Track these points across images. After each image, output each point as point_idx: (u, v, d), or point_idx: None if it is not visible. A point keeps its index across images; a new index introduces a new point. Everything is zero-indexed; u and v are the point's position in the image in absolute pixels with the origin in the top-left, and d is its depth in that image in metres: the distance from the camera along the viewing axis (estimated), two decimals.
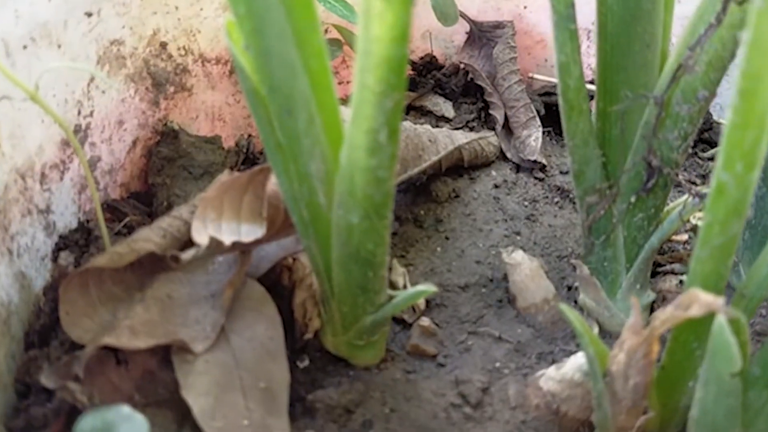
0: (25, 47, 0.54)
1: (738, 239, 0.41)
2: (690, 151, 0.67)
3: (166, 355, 0.52)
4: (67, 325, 0.51)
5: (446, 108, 0.79)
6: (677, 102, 0.50)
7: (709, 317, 0.42)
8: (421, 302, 0.62)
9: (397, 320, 0.61)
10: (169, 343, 0.51)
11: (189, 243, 0.56)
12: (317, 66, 0.42)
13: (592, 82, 0.56)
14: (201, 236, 0.54)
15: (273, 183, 0.54)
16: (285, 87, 0.43)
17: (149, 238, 0.55)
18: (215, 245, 0.53)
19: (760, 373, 0.41)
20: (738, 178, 0.36)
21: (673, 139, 0.52)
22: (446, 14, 0.72)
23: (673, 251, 0.66)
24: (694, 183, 0.67)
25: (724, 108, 0.80)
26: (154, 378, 0.52)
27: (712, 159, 0.75)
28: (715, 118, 0.79)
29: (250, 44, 0.41)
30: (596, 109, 0.54)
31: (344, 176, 0.46)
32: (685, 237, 0.66)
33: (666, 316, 0.43)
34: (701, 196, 0.55)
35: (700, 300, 0.40)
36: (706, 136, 0.78)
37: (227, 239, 0.54)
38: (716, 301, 0.39)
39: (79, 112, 0.62)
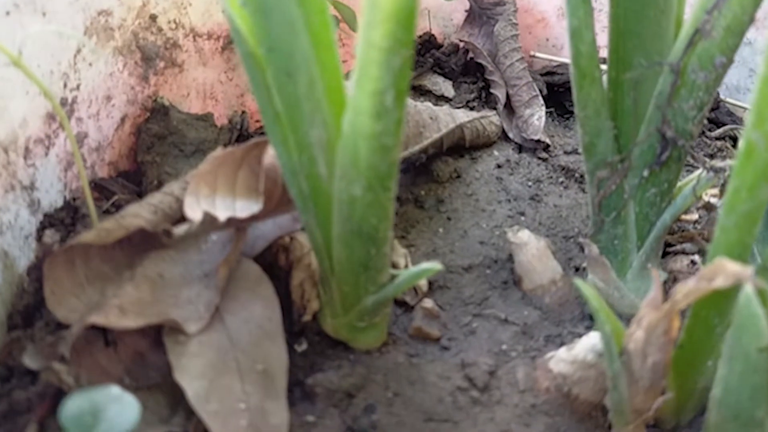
0: (8, 13, 0.51)
1: (765, 207, 0.38)
2: None
3: (157, 336, 0.50)
4: (53, 304, 0.49)
5: (446, 87, 0.77)
6: (693, 69, 0.48)
7: (731, 291, 0.40)
8: (424, 284, 0.59)
9: (399, 303, 0.59)
10: (161, 323, 0.48)
11: (181, 220, 0.54)
12: (319, 23, 0.40)
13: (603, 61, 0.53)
14: (194, 212, 0.51)
15: (270, 156, 0.52)
16: (285, 46, 0.40)
17: (139, 213, 0.52)
18: (209, 221, 0.50)
19: None
20: None
21: (689, 108, 0.50)
22: None
23: (683, 231, 0.63)
24: (694, 158, 0.64)
25: (730, 88, 0.78)
26: (145, 360, 0.50)
27: (719, 138, 0.73)
28: (722, 97, 0.77)
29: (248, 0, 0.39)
30: (608, 79, 0.52)
31: (347, 144, 0.44)
32: (695, 216, 0.64)
33: (689, 288, 0.40)
34: (716, 170, 0.53)
35: (726, 270, 0.38)
36: (713, 116, 0.76)
37: (222, 215, 0.51)
38: (745, 270, 0.37)
39: (65, 85, 0.59)
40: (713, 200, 0.58)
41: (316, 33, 0.40)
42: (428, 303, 0.58)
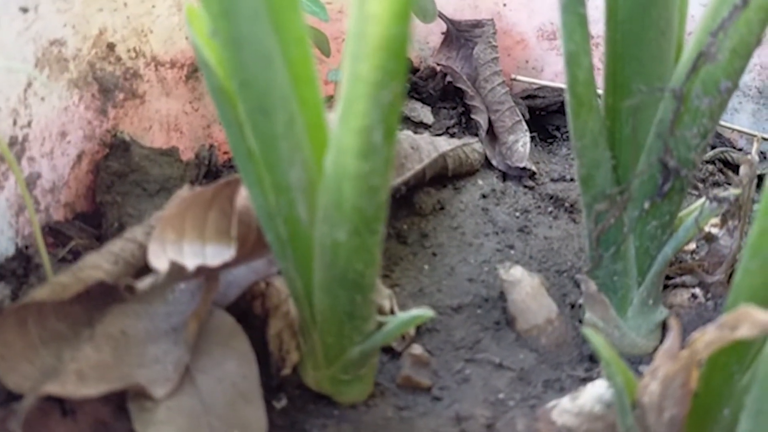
0: None
1: None
2: None
3: (121, 402, 0.45)
4: (3, 371, 0.43)
5: (424, 114, 0.73)
6: (697, 95, 0.45)
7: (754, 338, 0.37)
8: (411, 328, 0.55)
9: (385, 349, 0.54)
10: (125, 388, 0.44)
11: (145, 269, 0.49)
12: (298, 54, 0.36)
13: None
14: (159, 261, 0.46)
15: (243, 197, 0.47)
16: (260, 81, 0.36)
17: (98, 264, 0.47)
18: (177, 270, 0.46)
19: None
20: None
21: (692, 136, 0.46)
22: (425, 10, 0.66)
23: (681, 262, 0.60)
24: (696, 188, 0.62)
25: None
26: (107, 429, 0.45)
27: (711, 162, 0.71)
28: None
29: (218, 29, 0.35)
30: (605, 106, 0.48)
31: (330, 186, 0.40)
32: (692, 246, 0.61)
33: (710, 338, 0.37)
34: (719, 200, 0.50)
35: (752, 318, 0.35)
36: None
37: (191, 263, 0.46)
38: None
39: (14, 122, 0.54)
40: (714, 230, 0.55)
41: (295, 66, 0.36)
42: (417, 349, 0.53)
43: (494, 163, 0.70)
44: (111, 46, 0.62)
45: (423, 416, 0.50)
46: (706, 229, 0.56)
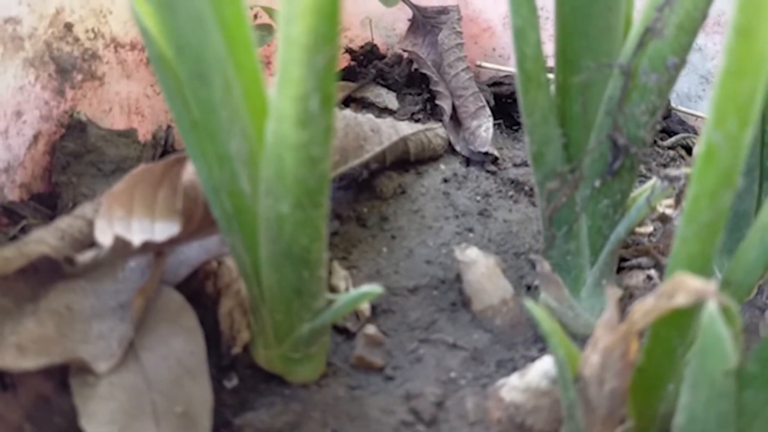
0: None
1: (727, 215, 0.35)
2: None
3: (64, 378, 0.44)
4: None
5: (389, 99, 0.73)
6: (644, 71, 0.45)
7: (693, 308, 0.37)
8: (366, 308, 0.55)
9: (339, 329, 0.54)
10: (66, 362, 0.43)
11: (92, 246, 0.48)
12: (232, 16, 0.35)
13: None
14: (105, 236, 0.46)
15: (190, 172, 0.47)
16: (194, 46, 0.35)
17: (43, 239, 0.47)
18: (121, 246, 0.45)
19: (759, 370, 0.36)
20: (731, 138, 0.31)
21: (641, 113, 0.46)
22: None
23: (638, 244, 0.60)
24: (650, 169, 0.62)
25: (681, 96, 0.76)
26: (49, 405, 0.44)
27: (672, 148, 0.71)
28: (673, 105, 0.75)
29: None
30: (555, 83, 0.48)
31: (271, 156, 0.39)
32: (650, 229, 0.61)
33: (647, 307, 0.37)
34: (670, 179, 0.50)
35: (687, 286, 0.35)
36: (665, 125, 0.74)
37: (137, 239, 0.46)
38: (707, 286, 0.34)
39: None
40: (668, 211, 0.55)
41: (229, 29, 0.36)
42: (371, 329, 0.53)
43: (457, 148, 0.70)
44: (68, 26, 0.61)
45: (374, 395, 0.50)
46: (661, 210, 0.56)
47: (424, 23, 0.76)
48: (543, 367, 0.45)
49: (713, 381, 0.36)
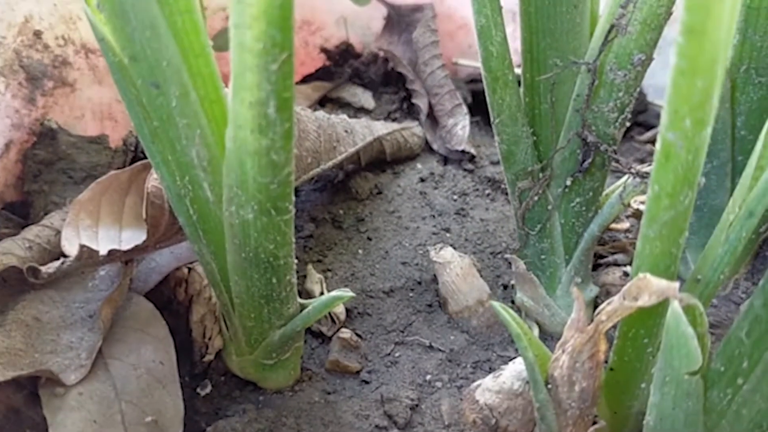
0: None
1: (690, 214, 0.35)
2: (625, 135, 0.63)
3: (34, 389, 0.44)
4: None
5: (365, 98, 0.72)
6: (611, 68, 0.45)
7: (661, 307, 0.37)
8: (341, 311, 0.54)
9: (315, 334, 0.54)
10: (34, 374, 0.43)
11: (61, 255, 0.48)
12: (186, 24, 0.35)
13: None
14: (71, 245, 0.46)
15: (155, 178, 0.46)
16: (149, 53, 0.35)
17: (11, 250, 0.46)
18: (87, 255, 0.45)
19: (724, 368, 0.36)
20: (687, 138, 0.31)
21: (609, 110, 0.46)
22: None
23: (614, 241, 0.60)
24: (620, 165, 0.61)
25: (658, 90, 0.76)
26: (19, 416, 0.44)
27: (649, 142, 0.70)
28: (649, 99, 0.75)
29: (103, 0, 0.34)
30: (523, 82, 0.48)
31: (232, 163, 0.39)
32: (626, 225, 0.60)
33: (612, 308, 0.36)
34: (642, 176, 0.50)
35: (650, 286, 0.34)
36: (642, 119, 0.74)
37: (104, 248, 0.46)
38: (670, 286, 0.34)
39: None
40: (643, 207, 0.54)
41: (183, 37, 0.35)
42: (346, 333, 0.53)
43: (435, 147, 0.70)
44: (38, 34, 0.61)
45: (348, 399, 0.49)
46: (635, 206, 0.56)
47: (399, 21, 0.75)
48: (516, 369, 0.45)
49: (680, 380, 0.35)
